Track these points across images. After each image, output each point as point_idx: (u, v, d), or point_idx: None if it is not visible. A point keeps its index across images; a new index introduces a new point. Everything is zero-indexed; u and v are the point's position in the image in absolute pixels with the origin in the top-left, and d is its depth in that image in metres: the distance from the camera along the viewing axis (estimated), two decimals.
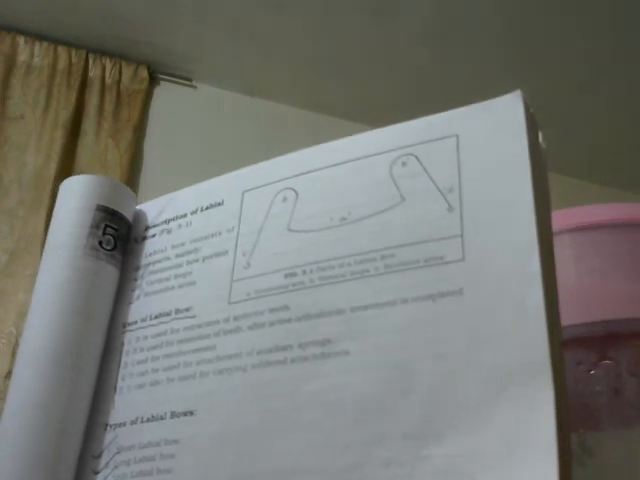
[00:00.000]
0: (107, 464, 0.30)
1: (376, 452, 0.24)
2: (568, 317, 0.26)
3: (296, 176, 0.32)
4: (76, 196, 0.35)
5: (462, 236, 0.26)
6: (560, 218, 0.38)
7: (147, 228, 0.36)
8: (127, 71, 1.84)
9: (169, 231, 0.35)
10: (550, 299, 0.24)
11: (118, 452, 0.30)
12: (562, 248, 0.39)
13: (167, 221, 0.35)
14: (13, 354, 1.48)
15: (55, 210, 0.35)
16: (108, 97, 1.80)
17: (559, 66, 1.82)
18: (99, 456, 0.30)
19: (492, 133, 0.28)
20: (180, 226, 0.34)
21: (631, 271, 0.39)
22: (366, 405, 0.25)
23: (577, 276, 0.40)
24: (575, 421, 0.35)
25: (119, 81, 1.83)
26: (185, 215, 0.34)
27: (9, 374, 1.46)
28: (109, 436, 0.31)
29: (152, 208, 0.36)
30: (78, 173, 1.70)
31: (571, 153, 1.93)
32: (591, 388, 0.37)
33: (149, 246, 0.35)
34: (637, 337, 0.37)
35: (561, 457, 0.22)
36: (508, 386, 0.23)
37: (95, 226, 0.34)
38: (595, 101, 1.93)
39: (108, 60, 1.83)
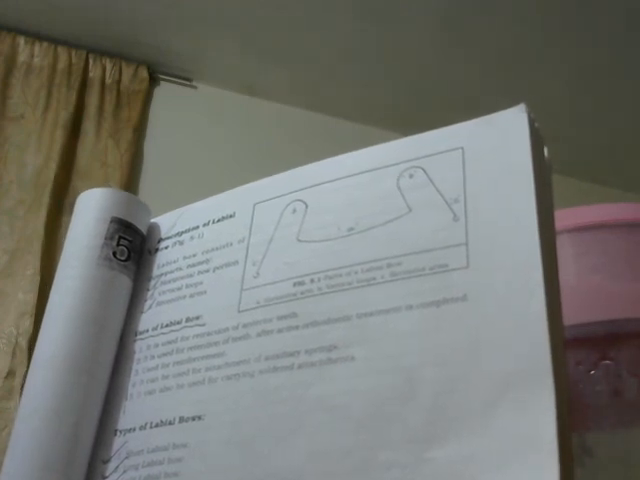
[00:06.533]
0: (116, 468, 0.30)
1: (380, 455, 0.25)
2: (568, 317, 0.26)
3: (306, 188, 0.32)
4: (92, 208, 0.35)
5: (467, 244, 0.27)
6: (560, 218, 0.38)
7: (160, 240, 0.36)
8: (127, 71, 1.84)
9: (181, 243, 0.35)
10: (552, 305, 0.25)
11: (127, 457, 0.30)
12: (562, 248, 0.39)
13: (180, 233, 0.36)
14: (13, 354, 1.48)
15: (72, 221, 0.36)
16: (108, 97, 1.79)
17: (560, 66, 1.82)
18: (108, 461, 0.31)
19: (497, 146, 0.28)
20: (192, 238, 0.35)
21: (631, 271, 0.40)
22: (371, 409, 0.26)
23: (577, 276, 0.40)
24: (575, 421, 0.35)
25: (119, 81, 1.82)
26: (197, 227, 0.35)
27: (9, 374, 1.46)
28: (119, 441, 0.31)
29: (165, 221, 0.37)
30: (78, 173, 1.70)
31: (571, 153, 1.92)
32: (591, 388, 0.37)
33: (162, 257, 0.36)
34: (637, 337, 0.38)
35: (563, 461, 0.22)
36: (510, 390, 0.24)
37: (109, 237, 0.34)
38: (595, 101, 1.93)
39: (108, 60, 1.83)
